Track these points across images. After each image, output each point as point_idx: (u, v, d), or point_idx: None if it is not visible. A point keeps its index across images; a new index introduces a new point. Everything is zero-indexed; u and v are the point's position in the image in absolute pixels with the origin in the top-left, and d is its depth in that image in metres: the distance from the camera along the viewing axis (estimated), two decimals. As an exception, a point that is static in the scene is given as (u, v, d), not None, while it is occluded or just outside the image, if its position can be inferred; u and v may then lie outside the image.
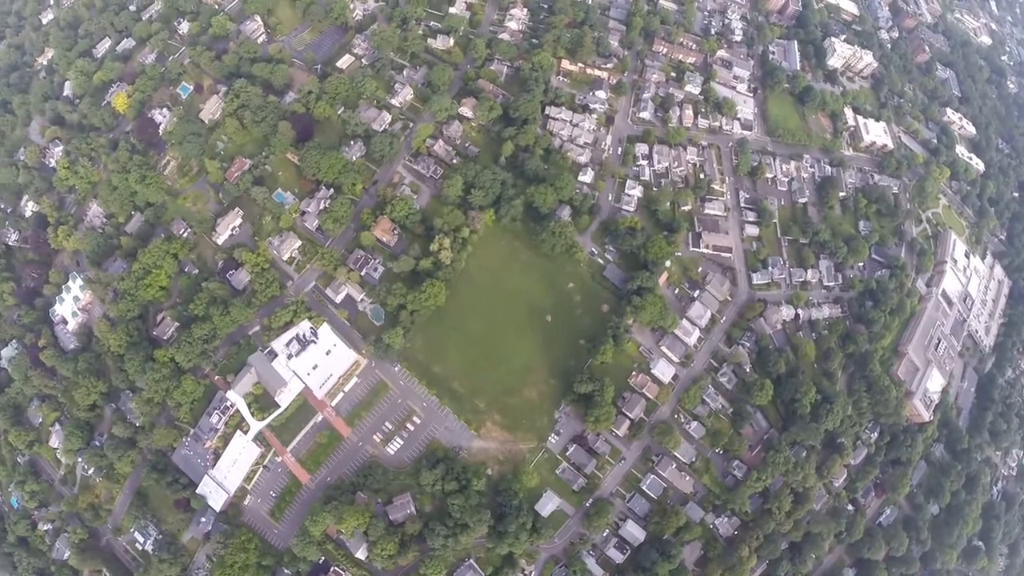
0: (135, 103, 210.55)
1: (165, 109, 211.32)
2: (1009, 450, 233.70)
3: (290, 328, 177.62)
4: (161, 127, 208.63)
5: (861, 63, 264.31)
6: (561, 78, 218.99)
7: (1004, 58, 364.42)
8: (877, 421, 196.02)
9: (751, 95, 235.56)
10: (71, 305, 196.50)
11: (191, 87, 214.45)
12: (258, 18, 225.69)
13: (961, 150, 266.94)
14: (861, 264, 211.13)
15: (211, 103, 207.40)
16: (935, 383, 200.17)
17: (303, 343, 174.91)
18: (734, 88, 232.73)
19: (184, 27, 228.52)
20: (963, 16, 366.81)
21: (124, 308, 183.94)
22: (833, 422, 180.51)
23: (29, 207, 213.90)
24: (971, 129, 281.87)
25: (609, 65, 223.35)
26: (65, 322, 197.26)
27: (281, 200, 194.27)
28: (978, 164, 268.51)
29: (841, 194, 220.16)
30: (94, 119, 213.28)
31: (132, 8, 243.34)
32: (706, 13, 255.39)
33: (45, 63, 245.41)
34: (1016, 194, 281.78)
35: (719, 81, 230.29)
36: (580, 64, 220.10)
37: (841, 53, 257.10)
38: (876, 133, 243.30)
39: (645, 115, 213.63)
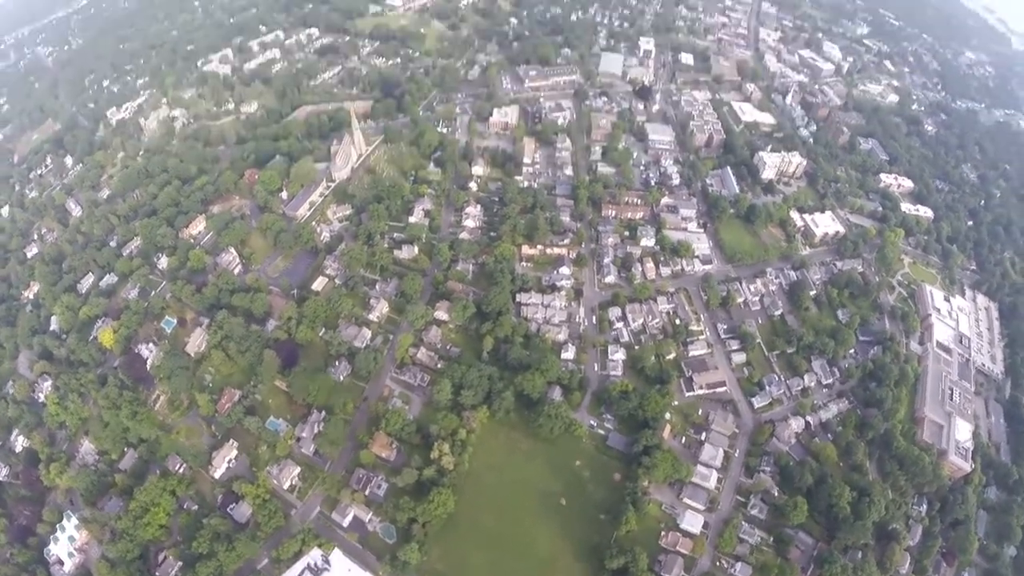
0: (121, 338, 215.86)
1: (151, 344, 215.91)
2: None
3: (300, 558, 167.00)
4: (148, 362, 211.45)
5: (792, 166, 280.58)
6: (524, 264, 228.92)
7: (914, 107, 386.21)
8: (921, 493, 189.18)
9: (702, 230, 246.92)
10: (67, 545, 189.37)
11: (175, 321, 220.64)
12: (232, 250, 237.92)
13: (906, 206, 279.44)
14: (852, 351, 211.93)
15: (195, 336, 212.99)
16: (963, 432, 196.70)
17: (316, 572, 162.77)
18: (685, 229, 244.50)
19: (163, 262, 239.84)
20: (866, 86, 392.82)
21: (123, 548, 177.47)
22: (877, 512, 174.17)
23: (20, 442, 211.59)
24: (908, 183, 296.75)
25: (566, 241, 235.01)
26: (61, 563, 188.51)
27: (275, 428, 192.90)
28: (926, 212, 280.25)
29: (812, 293, 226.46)
30: (82, 354, 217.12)
31: (112, 244, 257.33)
32: (642, 168, 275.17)
33: (31, 297, 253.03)
34: (970, 222, 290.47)
35: (670, 227, 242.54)
36: (539, 246, 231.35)
37: (771, 164, 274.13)
38: (825, 224, 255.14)
39: (610, 279, 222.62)
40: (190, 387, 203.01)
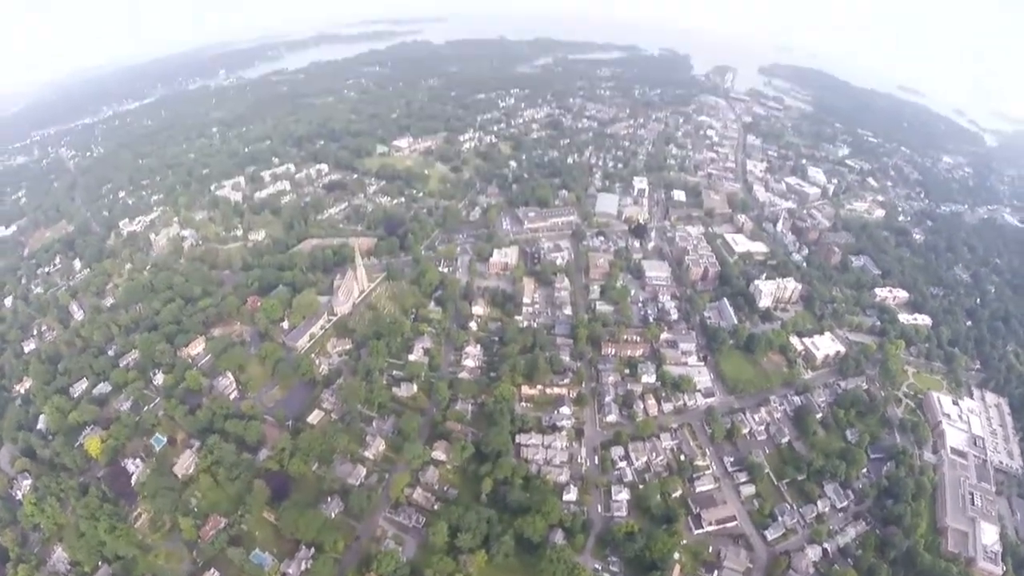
0: (108, 449, 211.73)
1: (138, 459, 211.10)
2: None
3: None
4: (133, 477, 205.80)
5: (787, 291, 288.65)
6: (524, 404, 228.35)
7: (901, 219, 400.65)
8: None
9: (703, 363, 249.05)
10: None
11: (165, 439, 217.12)
12: (230, 374, 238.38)
13: (904, 317, 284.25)
14: (864, 470, 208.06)
15: (185, 457, 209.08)
16: (989, 535, 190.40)
17: None
18: (686, 363, 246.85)
19: (159, 378, 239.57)
20: (853, 204, 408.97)
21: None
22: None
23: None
24: (903, 294, 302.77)
25: (566, 380, 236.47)
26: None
27: (260, 562, 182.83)
28: (924, 320, 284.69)
29: (818, 416, 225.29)
30: (66, 458, 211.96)
31: (111, 353, 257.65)
32: (640, 304, 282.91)
33: (22, 391, 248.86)
34: (968, 322, 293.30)
35: (670, 362, 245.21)
36: (539, 386, 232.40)
37: (767, 292, 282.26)
38: (825, 346, 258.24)
39: (611, 418, 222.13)
40: (174, 509, 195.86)
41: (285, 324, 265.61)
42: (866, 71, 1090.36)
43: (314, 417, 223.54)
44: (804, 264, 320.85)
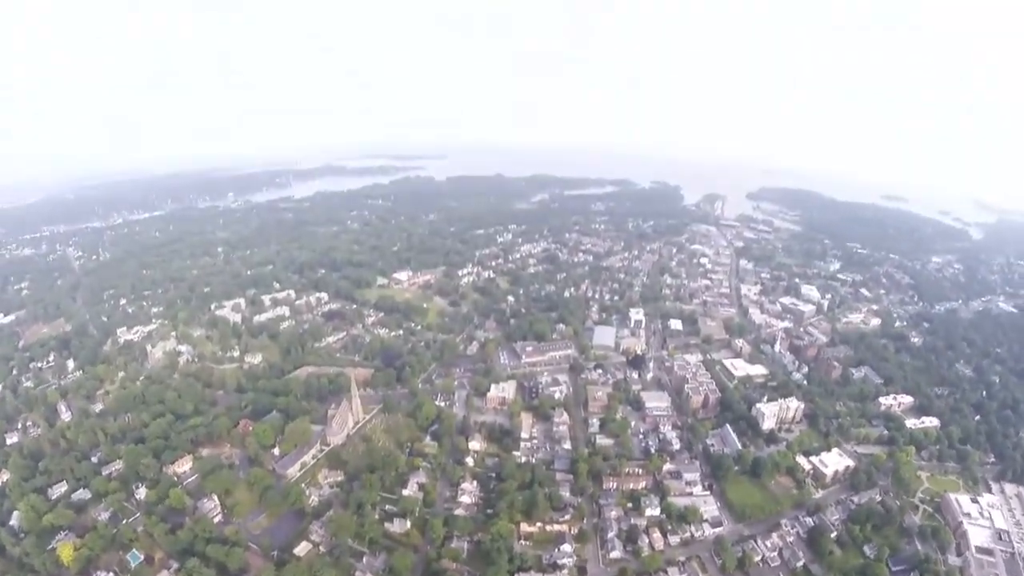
0: (81, 558, 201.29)
1: (112, 573, 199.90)
2: None
3: None
4: None
5: (790, 412, 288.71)
6: (523, 542, 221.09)
7: (897, 324, 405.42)
8: None
9: (708, 492, 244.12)
10: None
11: (141, 556, 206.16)
12: (216, 497, 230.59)
13: (911, 422, 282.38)
14: None
15: None
16: None
17: None
18: (691, 493, 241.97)
19: (142, 492, 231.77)
20: (848, 317, 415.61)
21: None
22: None
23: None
24: (908, 399, 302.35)
25: (567, 516, 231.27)
26: None
27: None
28: (932, 422, 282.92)
29: (833, 535, 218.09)
30: (36, 560, 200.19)
31: (94, 460, 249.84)
32: (641, 436, 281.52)
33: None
34: (977, 416, 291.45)
35: (675, 493, 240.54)
36: (539, 523, 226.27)
37: (770, 414, 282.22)
38: (834, 462, 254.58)
39: (615, 554, 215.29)
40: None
41: (276, 451, 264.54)
42: (850, 185, 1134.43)
43: (301, 549, 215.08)
44: (805, 382, 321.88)
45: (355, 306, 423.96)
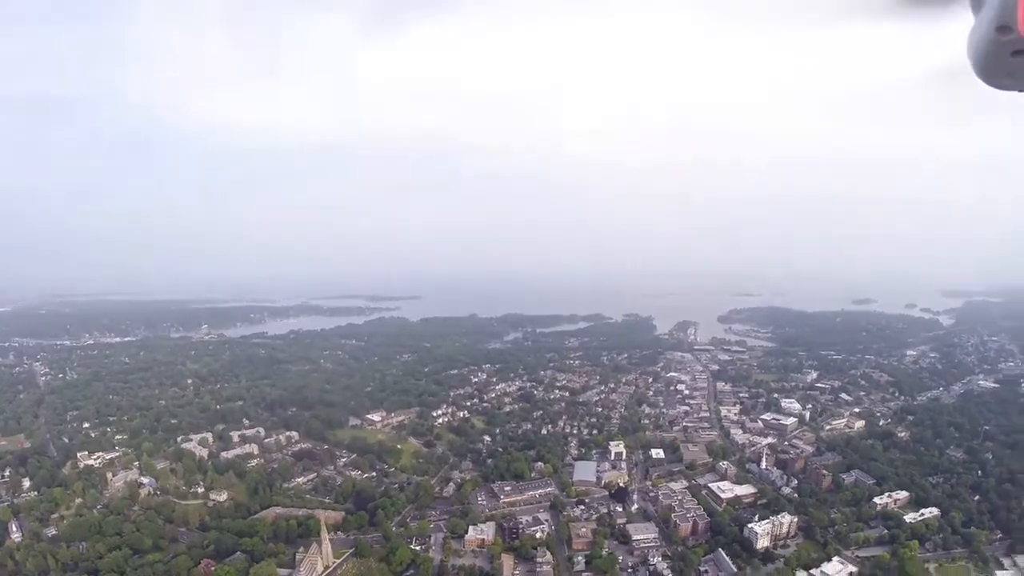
0: None
1: None
2: None
3: None
4: None
5: (784, 527, 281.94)
6: None
7: (881, 423, 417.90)
8: None
9: None
10: None
11: None
12: None
13: (910, 516, 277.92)
14: None
15: None
16: None
17: None
18: None
19: None
20: (831, 423, 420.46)
21: None
22: None
23: None
24: (903, 494, 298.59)
25: None
26: None
27: None
28: (932, 511, 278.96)
29: None
30: None
31: None
32: (630, 570, 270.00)
33: None
34: (976, 496, 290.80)
35: None
36: None
37: (763, 532, 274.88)
38: (835, 571, 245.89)
39: None
40: None
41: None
42: (818, 296, 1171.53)
43: None
44: (796, 495, 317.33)
45: (326, 446, 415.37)
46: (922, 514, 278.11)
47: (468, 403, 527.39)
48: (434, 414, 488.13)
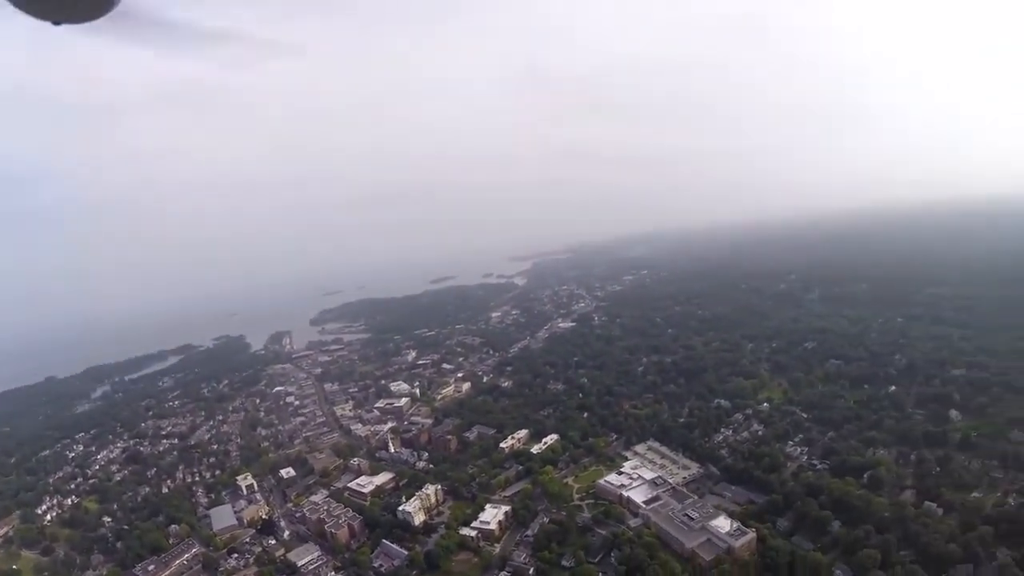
0: None
1: None
2: None
3: None
4: None
5: (432, 498, 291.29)
6: None
7: (485, 379, 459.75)
8: None
9: None
10: None
11: None
12: None
13: (536, 448, 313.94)
14: None
15: None
16: None
17: None
18: None
19: None
20: (441, 392, 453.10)
21: None
22: None
23: None
24: (522, 432, 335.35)
25: None
26: None
27: None
28: (552, 438, 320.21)
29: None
30: None
31: None
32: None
33: None
34: (586, 414, 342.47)
35: None
36: None
37: (415, 509, 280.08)
38: (493, 515, 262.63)
39: None
40: None
41: None
42: (399, 284, 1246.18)
43: None
44: (431, 465, 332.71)
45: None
46: (545, 443, 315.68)
47: (72, 485, 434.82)
48: (39, 512, 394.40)
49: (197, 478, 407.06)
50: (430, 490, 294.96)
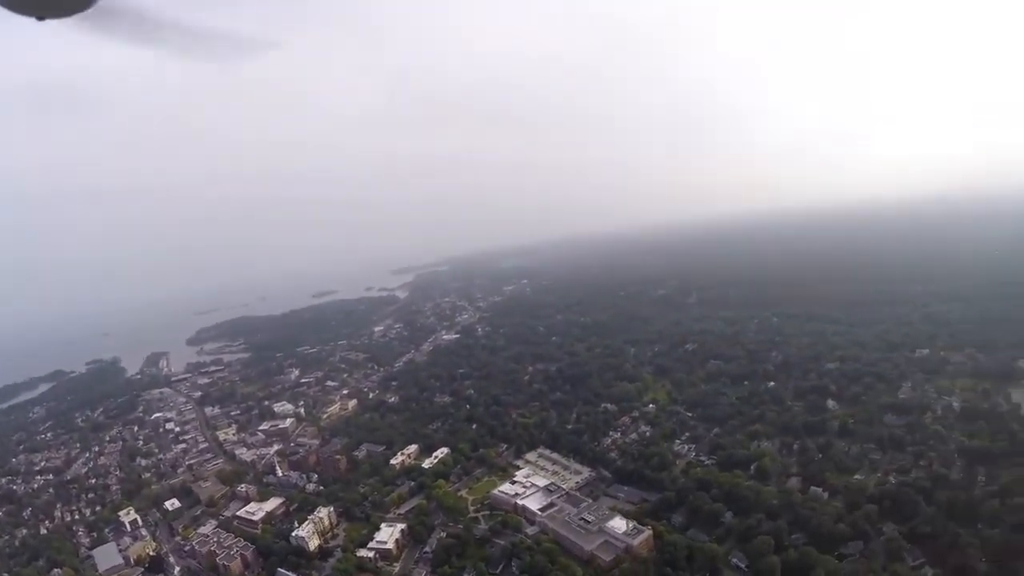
0: None
1: None
2: None
3: None
4: None
5: (325, 521, 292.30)
6: None
7: (371, 395, 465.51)
8: None
9: None
10: None
11: None
12: None
13: (427, 463, 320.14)
14: None
15: None
16: None
17: None
18: None
19: None
20: (327, 411, 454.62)
21: None
22: None
23: None
24: (412, 447, 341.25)
25: None
26: None
27: None
28: (442, 451, 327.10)
29: None
30: None
31: None
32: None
33: None
34: (474, 425, 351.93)
35: None
36: None
37: (309, 534, 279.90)
38: (388, 535, 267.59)
39: None
40: None
41: None
42: (279, 300, 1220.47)
43: None
44: (321, 487, 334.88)
45: None
46: (436, 456, 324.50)
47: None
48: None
49: (77, 516, 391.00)
50: (323, 513, 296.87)
